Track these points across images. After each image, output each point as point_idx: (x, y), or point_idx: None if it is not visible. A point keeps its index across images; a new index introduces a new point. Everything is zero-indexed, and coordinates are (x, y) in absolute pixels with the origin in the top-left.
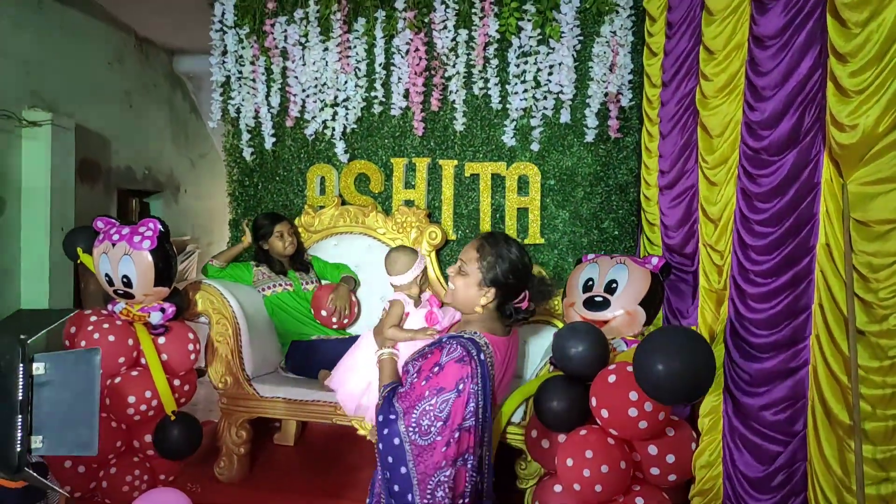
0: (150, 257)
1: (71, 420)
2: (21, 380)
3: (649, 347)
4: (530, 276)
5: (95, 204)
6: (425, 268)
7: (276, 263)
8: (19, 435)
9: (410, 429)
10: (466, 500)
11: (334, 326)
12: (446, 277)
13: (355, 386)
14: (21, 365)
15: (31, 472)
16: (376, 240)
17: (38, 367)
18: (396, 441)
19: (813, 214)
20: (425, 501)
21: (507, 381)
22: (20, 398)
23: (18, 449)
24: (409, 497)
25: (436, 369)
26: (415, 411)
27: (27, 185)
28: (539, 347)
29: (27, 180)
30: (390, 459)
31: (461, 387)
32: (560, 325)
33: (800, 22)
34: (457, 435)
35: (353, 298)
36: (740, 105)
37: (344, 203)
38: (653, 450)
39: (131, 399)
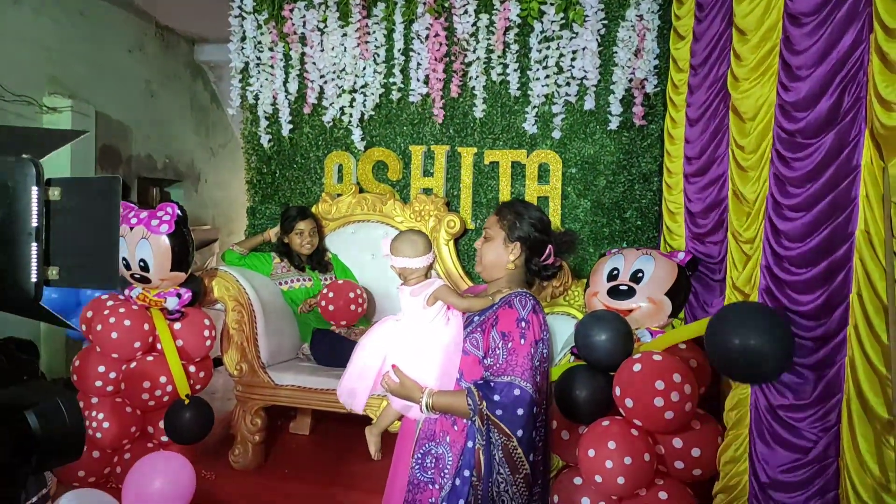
0: (167, 241)
1: (89, 253)
2: (35, 204)
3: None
4: (551, 232)
5: None
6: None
7: (295, 258)
8: (35, 264)
9: (535, 391)
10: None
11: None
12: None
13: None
14: (36, 188)
15: (46, 308)
16: (394, 228)
17: (55, 193)
18: (520, 412)
19: (851, 199)
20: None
21: None
22: (35, 224)
23: (34, 279)
24: (531, 457)
25: (523, 324)
26: (531, 371)
27: (47, 171)
28: (559, 339)
29: (47, 166)
30: (520, 433)
31: (545, 335)
32: (580, 316)
33: None
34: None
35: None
36: (774, 87)
37: (361, 191)
38: (678, 443)
39: (146, 384)
